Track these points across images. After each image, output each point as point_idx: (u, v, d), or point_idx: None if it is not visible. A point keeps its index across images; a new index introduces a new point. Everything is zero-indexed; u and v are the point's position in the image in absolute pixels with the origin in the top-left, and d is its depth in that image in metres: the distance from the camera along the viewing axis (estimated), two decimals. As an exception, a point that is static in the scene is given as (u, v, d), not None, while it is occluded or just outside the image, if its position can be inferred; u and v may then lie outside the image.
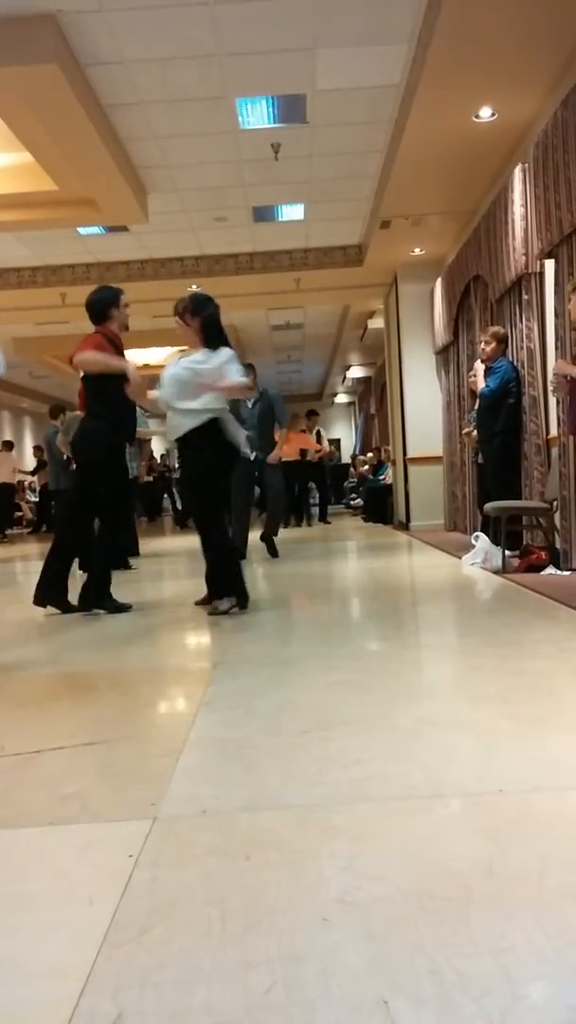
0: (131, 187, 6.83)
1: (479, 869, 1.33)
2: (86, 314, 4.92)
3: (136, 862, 1.43)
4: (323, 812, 1.61)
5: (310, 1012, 1.01)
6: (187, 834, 1.56)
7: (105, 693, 2.79)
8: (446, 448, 8.92)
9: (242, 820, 1.61)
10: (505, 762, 1.83)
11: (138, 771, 1.92)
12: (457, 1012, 0.99)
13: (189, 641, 3.79)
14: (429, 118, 5.76)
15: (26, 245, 8.62)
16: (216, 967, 1.11)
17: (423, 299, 9.44)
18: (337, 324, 13.62)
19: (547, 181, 5.14)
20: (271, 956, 1.13)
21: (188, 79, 5.47)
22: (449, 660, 3.11)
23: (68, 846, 1.54)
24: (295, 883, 1.33)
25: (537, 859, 1.36)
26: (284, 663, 3.03)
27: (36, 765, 2.01)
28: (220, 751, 2.06)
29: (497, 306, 6.55)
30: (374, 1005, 1.01)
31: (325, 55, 5.27)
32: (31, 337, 12.91)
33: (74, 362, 4.58)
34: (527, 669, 2.71)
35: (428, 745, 1.99)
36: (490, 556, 5.40)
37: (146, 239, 8.71)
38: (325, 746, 2.01)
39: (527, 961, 1.08)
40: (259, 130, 6.31)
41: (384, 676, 2.75)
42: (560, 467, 5.13)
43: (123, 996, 1.06)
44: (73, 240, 8.57)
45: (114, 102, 5.75)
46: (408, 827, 1.53)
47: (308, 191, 7.68)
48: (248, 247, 9.31)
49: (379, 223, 8.04)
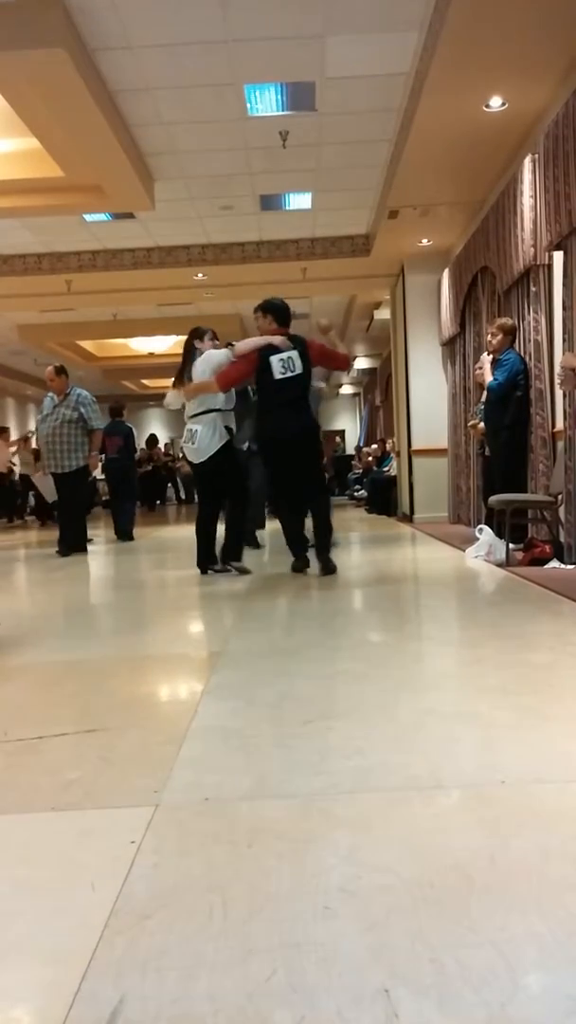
0: (138, 174, 6.80)
1: (480, 860, 1.34)
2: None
3: (138, 849, 1.44)
4: (325, 801, 1.62)
5: (311, 1000, 1.01)
6: (189, 821, 1.56)
7: (108, 680, 2.80)
8: (451, 440, 8.90)
9: (244, 808, 1.62)
10: (507, 754, 1.83)
11: (141, 758, 1.93)
12: (458, 1001, 0.99)
13: (192, 630, 3.80)
14: (439, 107, 5.72)
15: (31, 231, 8.59)
16: (218, 954, 1.12)
17: (430, 290, 9.40)
18: (343, 315, 13.57)
19: (557, 172, 5.11)
20: (272, 944, 1.13)
21: (196, 65, 5.43)
22: (451, 652, 3.11)
23: (70, 832, 1.55)
24: (297, 871, 1.33)
25: (538, 850, 1.36)
26: (286, 653, 3.03)
27: (39, 751, 2.02)
28: (222, 740, 2.06)
29: (504, 298, 6.53)
30: (375, 993, 1.01)
31: (335, 42, 5.23)
32: (36, 324, 12.89)
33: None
34: (530, 662, 2.71)
35: (430, 736, 1.99)
36: (494, 549, 5.40)
37: (152, 227, 8.67)
38: (327, 736, 2.01)
39: (528, 951, 1.09)
40: (267, 117, 6.27)
41: (386, 667, 2.75)
42: (566, 461, 5.12)
43: (125, 981, 1.07)
44: (79, 227, 8.54)
45: (121, 87, 5.72)
46: (410, 817, 1.53)
47: (316, 180, 7.64)
48: (255, 236, 9.27)
49: (387, 213, 7.99)
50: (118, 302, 11.36)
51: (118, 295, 10.62)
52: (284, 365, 4.89)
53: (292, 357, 4.89)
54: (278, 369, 4.88)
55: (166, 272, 9.62)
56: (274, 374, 4.89)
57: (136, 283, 9.97)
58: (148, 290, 10.43)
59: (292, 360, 4.89)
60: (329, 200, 8.18)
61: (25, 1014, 1.05)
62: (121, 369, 18.16)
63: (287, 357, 4.89)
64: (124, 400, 10.46)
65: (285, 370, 4.88)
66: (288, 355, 4.89)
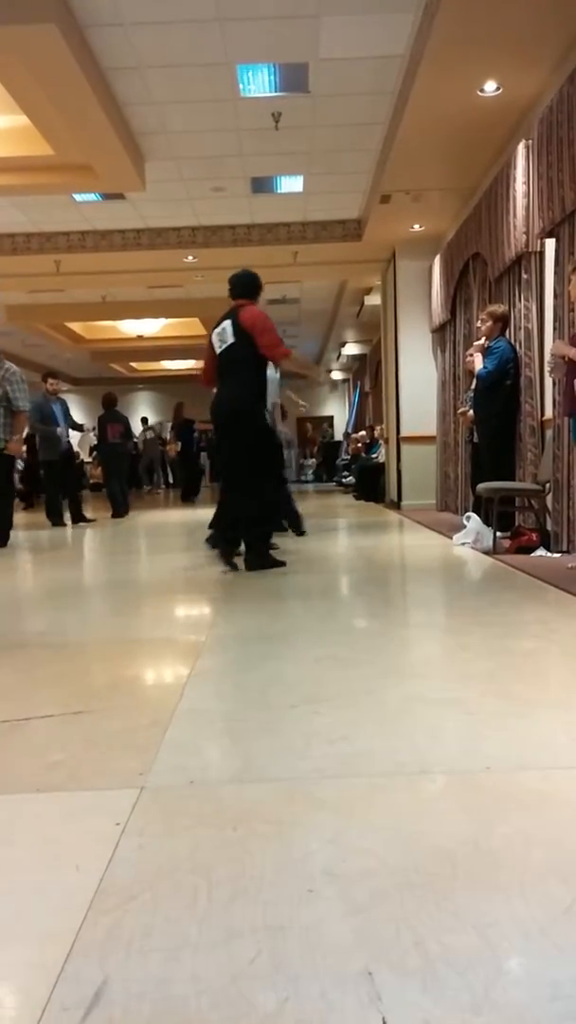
0: (129, 154, 6.72)
1: (465, 845, 1.34)
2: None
3: (123, 830, 1.44)
4: (310, 786, 1.62)
5: (295, 982, 1.01)
6: (174, 804, 1.56)
7: (94, 663, 2.79)
8: (440, 428, 8.90)
9: (229, 791, 1.62)
10: (492, 740, 1.84)
11: (126, 741, 1.92)
12: (441, 984, 0.99)
13: (178, 614, 3.79)
14: (433, 91, 5.68)
15: (21, 210, 8.49)
16: (202, 936, 1.12)
17: (421, 276, 9.37)
18: (334, 300, 13.53)
19: (550, 159, 5.09)
20: (256, 926, 1.13)
21: (189, 44, 5.37)
22: (438, 638, 3.12)
23: (55, 813, 1.55)
24: (281, 854, 1.33)
25: (522, 836, 1.37)
26: (273, 638, 3.03)
27: (24, 732, 2.01)
28: (208, 723, 2.06)
29: (496, 285, 6.51)
30: (359, 976, 1.02)
31: (329, 22, 5.18)
32: (24, 305, 12.78)
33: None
34: (515, 649, 2.73)
35: (416, 722, 1.99)
36: (481, 536, 5.41)
37: (143, 207, 8.60)
38: (313, 720, 2.01)
39: (511, 936, 1.09)
40: (260, 98, 6.21)
41: (373, 652, 2.75)
42: (554, 449, 5.13)
43: (109, 962, 1.07)
44: (69, 207, 8.45)
45: (113, 65, 5.65)
46: (395, 802, 1.53)
47: (308, 163, 7.58)
48: (246, 219, 9.21)
49: (379, 197, 7.95)
50: (107, 283, 11.26)
51: (108, 276, 10.52)
52: (220, 338, 4.74)
53: (225, 328, 4.71)
54: (216, 343, 4.76)
55: (156, 254, 9.55)
56: (216, 349, 4.76)
57: (126, 265, 9.89)
58: (138, 272, 10.35)
59: (224, 331, 4.71)
60: (321, 184, 8.13)
61: (8, 994, 1.04)
62: (110, 351, 18.05)
63: (221, 329, 4.75)
64: (113, 382, 10.58)
65: (221, 343, 4.72)
66: (222, 326, 4.74)
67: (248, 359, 4.65)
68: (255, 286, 4.91)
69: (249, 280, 4.91)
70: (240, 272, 4.97)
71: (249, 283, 4.89)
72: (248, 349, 4.63)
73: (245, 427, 4.69)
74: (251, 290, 4.88)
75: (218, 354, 4.72)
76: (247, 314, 4.68)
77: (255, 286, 4.91)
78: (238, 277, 4.93)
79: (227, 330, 4.69)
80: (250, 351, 4.63)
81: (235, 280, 4.91)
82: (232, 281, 4.90)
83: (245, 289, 4.87)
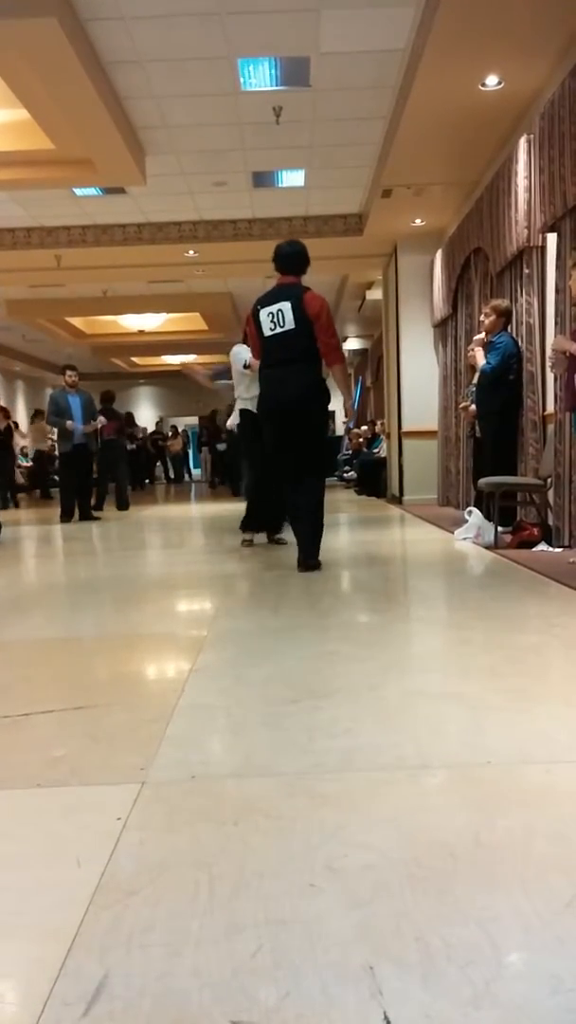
0: (129, 148, 6.70)
1: (466, 839, 1.34)
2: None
3: (124, 825, 1.44)
4: (311, 780, 1.62)
5: (296, 976, 1.01)
6: (176, 799, 1.56)
7: (95, 658, 2.80)
8: (441, 422, 8.89)
9: (230, 786, 1.62)
10: (493, 734, 1.84)
11: (127, 736, 1.93)
12: (442, 979, 0.99)
13: (180, 609, 3.79)
14: (434, 85, 5.66)
15: (21, 205, 8.47)
16: (203, 930, 1.12)
17: (423, 271, 9.35)
18: (335, 294, 13.50)
19: (552, 153, 5.07)
20: (258, 920, 1.13)
21: (190, 38, 5.35)
22: (439, 633, 3.12)
23: (56, 808, 1.55)
24: (283, 849, 1.33)
25: (523, 830, 1.37)
26: (275, 633, 3.03)
27: (25, 728, 2.01)
28: (210, 718, 2.06)
29: (497, 280, 6.49)
30: (360, 970, 1.02)
31: (330, 16, 5.16)
32: (25, 299, 12.75)
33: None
34: (517, 643, 2.72)
35: (417, 716, 1.99)
36: (482, 531, 5.41)
37: (143, 202, 8.58)
38: (315, 715, 2.01)
39: (512, 930, 1.09)
40: (261, 92, 6.19)
41: (374, 647, 2.75)
42: (555, 444, 5.12)
43: (110, 957, 1.07)
44: (69, 201, 8.43)
45: (114, 59, 5.63)
46: (396, 797, 1.53)
47: (309, 157, 7.56)
48: (247, 213, 9.19)
49: (380, 192, 7.93)
50: (108, 278, 11.24)
51: (108, 271, 10.50)
52: (272, 319, 4.20)
53: (282, 310, 4.17)
54: (266, 325, 4.23)
55: (157, 248, 9.52)
56: (263, 330, 4.25)
57: (127, 259, 9.87)
58: (139, 267, 10.33)
59: (281, 313, 4.17)
60: (322, 178, 8.10)
61: (9, 990, 1.05)
62: (111, 346, 18.03)
63: (276, 310, 4.19)
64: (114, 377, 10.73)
65: (273, 325, 4.20)
66: (277, 307, 4.18)
67: (311, 350, 4.19)
68: (307, 260, 4.33)
69: (302, 253, 4.30)
70: (292, 243, 4.37)
71: (303, 257, 4.29)
72: (310, 339, 4.15)
73: (315, 422, 4.30)
74: (303, 264, 4.30)
75: (267, 336, 4.18)
76: (314, 300, 4.18)
77: (307, 260, 4.33)
78: (291, 247, 4.31)
79: (286, 313, 4.14)
80: (311, 341, 4.16)
81: (287, 251, 4.29)
82: (282, 252, 4.29)
83: (298, 263, 4.27)
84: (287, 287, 4.26)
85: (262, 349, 4.30)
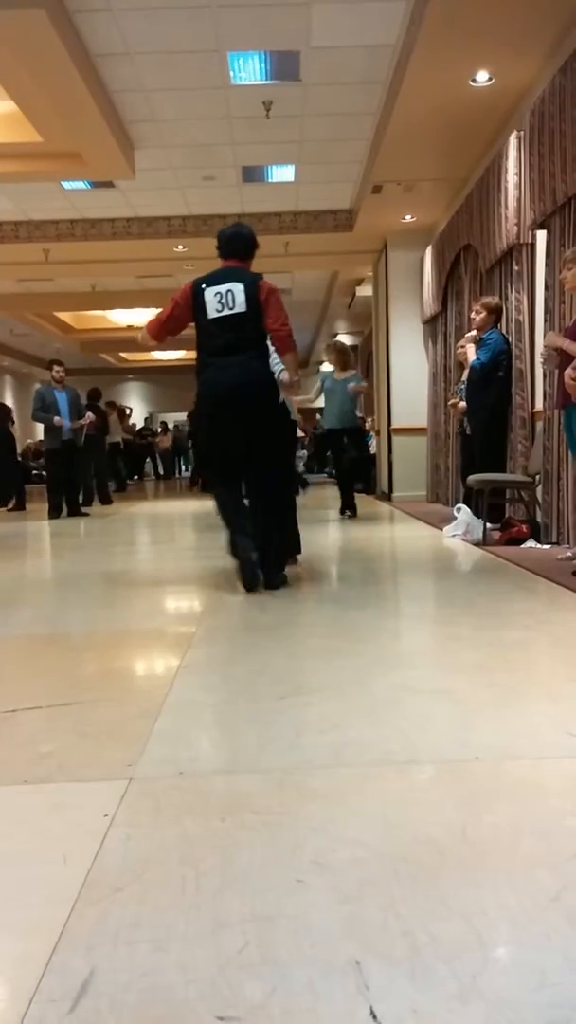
0: (118, 141, 6.67)
1: (453, 835, 1.34)
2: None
3: (111, 821, 1.43)
4: (299, 776, 1.62)
5: (283, 972, 1.01)
6: (163, 795, 1.55)
7: (82, 654, 2.78)
8: (431, 419, 8.90)
9: (218, 782, 1.61)
10: (481, 730, 1.84)
11: (115, 732, 1.92)
12: (429, 974, 1.00)
13: (168, 606, 3.78)
14: (425, 80, 5.66)
15: (9, 198, 8.42)
16: (190, 926, 1.11)
17: (413, 267, 9.35)
18: (325, 291, 13.49)
19: (542, 150, 5.07)
20: (245, 916, 1.13)
21: (179, 30, 5.32)
22: (428, 629, 3.12)
23: (43, 804, 1.54)
24: (270, 845, 1.33)
25: (510, 826, 1.37)
26: (263, 629, 3.03)
27: (12, 724, 2.00)
28: (197, 714, 2.06)
29: (487, 276, 6.50)
30: (346, 966, 1.02)
31: (321, 10, 5.14)
32: (12, 294, 12.68)
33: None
34: (505, 639, 2.73)
35: (405, 712, 2.00)
36: (471, 528, 5.42)
37: (132, 196, 8.54)
38: (303, 711, 2.01)
39: (499, 925, 1.09)
40: (251, 86, 6.17)
41: (363, 643, 2.75)
42: (544, 441, 5.13)
43: (96, 953, 1.06)
44: (57, 194, 8.38)
45: (103, 52, 5.59)
46: (384, 792, 1.53)
47: (299, 152, 7.54)
48: (236, 208, 9.16)
49: (371, 188, 7.92)
50: (97, 273, 11.19)
51: (97, 265, 10.46)
52: (221, 299, 3.82)
53: (232, 290, 3.80)
54: (212, 305, 3.82)
55: (146, 243, 9.49)
56: (208, 312, 3.83)
57: (115, 254, 9.82)
58: (127, 261, 10.28)
59: (231, 294, 3.80)
60: (312, 173, 8.09)
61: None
62: (99, 341, 17.96)
63: (225, 290, 3.81)
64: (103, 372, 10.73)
65: (221, 307, 3.81)
66: (227, 287, 3.82)
67: (262, 335, 3.89)
68: (254, 244, 4.03)
69: (249, 236, 4.01)
70: (238, 226, 4.08)
71: (250, 240, 4.00)
72: (260, 325, 3.85)
73: (267, 403, 3.89)
74: (250, 248, 4.01)
75: (212, 319, 3.84)
76: (267, 284, 3.90)
77: (254, 244, 4.03)
78: (236, 229, 4.03)
79: (236, 295, 3.82)
80: (255, 325, 3.85)
81: (232, 236, 3.99)
82: (229, 236, 3.99)
83: (244, 246, 3.97)
84: (236, 269, 3.93)
85: (206, 332, 3.89)
